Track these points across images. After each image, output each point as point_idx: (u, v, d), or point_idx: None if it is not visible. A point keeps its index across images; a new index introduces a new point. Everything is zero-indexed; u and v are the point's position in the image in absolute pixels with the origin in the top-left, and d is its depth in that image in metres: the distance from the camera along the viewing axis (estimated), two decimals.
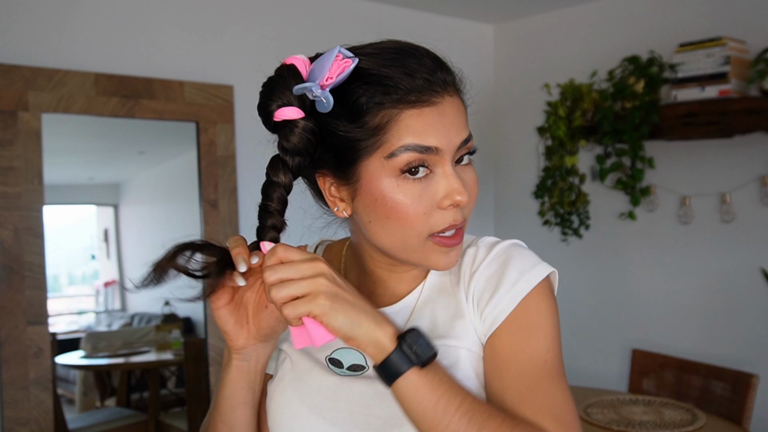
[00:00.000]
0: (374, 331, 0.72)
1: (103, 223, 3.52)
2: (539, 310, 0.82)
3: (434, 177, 0.79)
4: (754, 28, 2.59)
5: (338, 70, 0.76)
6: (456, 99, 0.81)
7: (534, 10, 3.29)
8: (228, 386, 0.86)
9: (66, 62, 2.33)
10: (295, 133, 0.77)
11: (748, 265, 2.66)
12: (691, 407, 2.16)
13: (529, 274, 0.82)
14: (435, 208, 0.79)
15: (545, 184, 3.14)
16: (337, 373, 0.88)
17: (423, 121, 0.77)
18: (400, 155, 0.77)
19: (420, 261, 0.82)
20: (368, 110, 0.77)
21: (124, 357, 3.34)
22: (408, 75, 0.77)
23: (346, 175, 0.81)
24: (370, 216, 0.81)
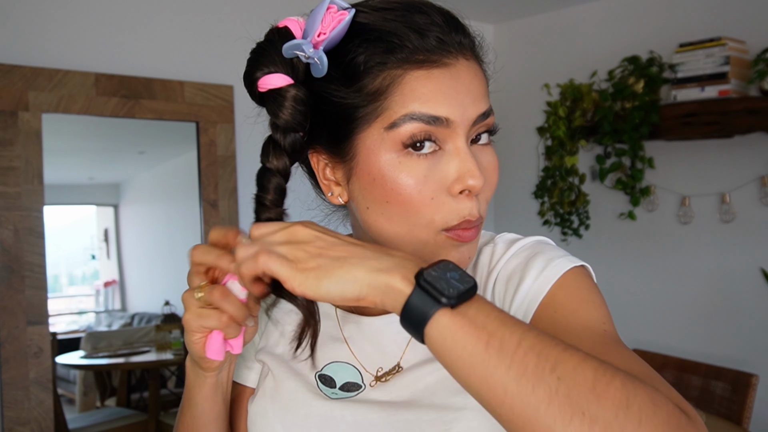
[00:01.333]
0: (380, 278, 0.55)
1: (103, 223, 3.52)
2: (581, 285, 0.67)
3: (443, 155, 0.65)
4: (754, 28, 2.59)
5: (332, 24, 0.64)
6: (474, 65, 0.69)
7: (534, 10, 3.29)
8: (200, 405, 0.75)
9: (66, 62, 2.33)
10: (284, 105, 0.66)
11: (748, 265, 2.66)
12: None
13: (560, 260, 0.69)
14: (444, 194, 0.66)
15: (545, 184, 3.14)
16: (328, 396, 0.74)
17: (432, 85, 0.64)
18: (403, 126, 0.64)
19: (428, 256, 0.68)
20: (367, 71, 0.65)
21: (124, 357, 3.34)
22: (416, 32, 0.64)
23: (341, 152, 0.68)
24: (367, 200, 0.67)
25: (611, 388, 0.48)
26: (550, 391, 0.48)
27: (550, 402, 0.48)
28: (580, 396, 0.48)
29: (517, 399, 0.49)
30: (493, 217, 3.54)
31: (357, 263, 0.56)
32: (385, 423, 0.69)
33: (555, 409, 0.48)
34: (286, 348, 0.80)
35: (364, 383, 0.74)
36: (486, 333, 0.52)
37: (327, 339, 0.78)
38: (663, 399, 0.50)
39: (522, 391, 0.49)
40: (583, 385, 0.48)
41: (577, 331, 0.62)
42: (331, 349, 0.77)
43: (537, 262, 0.69)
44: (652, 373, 0.57)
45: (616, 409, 0.47)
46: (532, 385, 0.49)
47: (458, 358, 0.52)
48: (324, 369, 0.76)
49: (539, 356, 0.50)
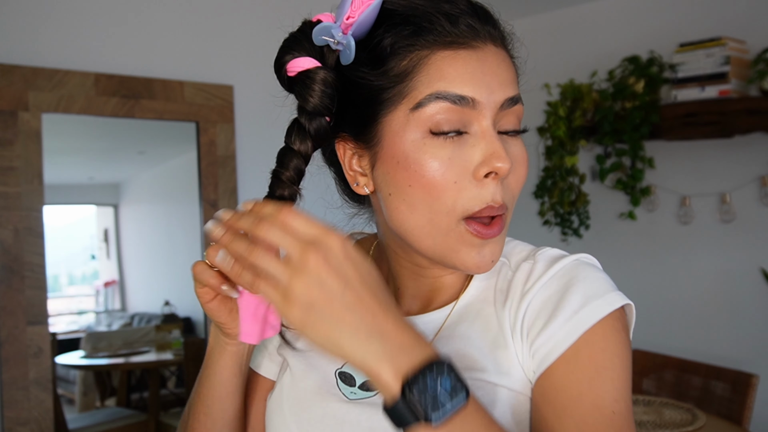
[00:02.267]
0: (368, 362, 0.53)
1: (103, 223, 3.52)
2: (608, 347, 0.64)
3: (469, 138, 0.64)
4: (754, 28, 2.59)
5: (360, 8, 0.64)
6: (502, 52, 0.69)
7: (534, 10, 3.29)
8: (219, 375, 0.72)
9: (66, 62, 2.33)
10: (313, 88, 0.65)
11: (748, 265, 2.66)
12: (691, 407, 2.16)
13: (597, 302, 0.65)
14: (468, 178, 0.64)
15: (545, 184, 3.14)
16: (346, 397, 0.72)
17: (458, 65, 0.63)
18: (429, 105, 0.63)
19: (447, 254, 0.66)
20: (394, 53, 0.64)
21: (124, 357, 3.34)
22: (445, 17, 0.64)
23: (366, 137, 0.67)
24: (390, 187, 0.66)
25: None
26: None
27: None
28: None
29: None
30: None
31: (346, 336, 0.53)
32: None
33: None
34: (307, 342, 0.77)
35: None
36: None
37: None
38: None
39: None
40: None
41: (585, 410, 0.61)
42: None
43: (573, 299, 0.65)
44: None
45: None
46: None
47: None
48: (345, 366, 0.74)
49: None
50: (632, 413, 0.63)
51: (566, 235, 3.15)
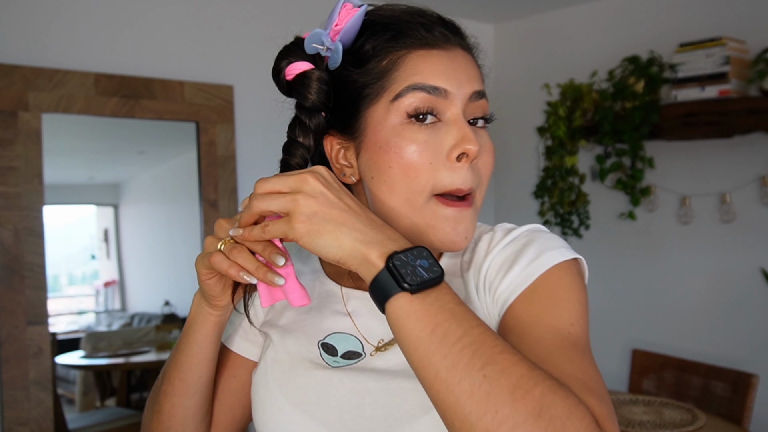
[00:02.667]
0: (359, 250, 0.61)
1: (103, 223, 3.52)
2: (562, 283, 0.71)
3: (443, 125, 0.73)
4: (754, 28, 2.59)
5: (346, 18, 0.73)
6: (469, 56, 0.77)
7: (534, 10, 3.29)
8: (200, 342, 0.79)
9: (66, 62, 2.33)
10: (310, 86, 0.74)
11: (748, 265, 2.66)
12: (691, 407, 2.16)
13: (551, 252, 0.73)
14: (443, 160, 0.72)
15: (545, 184, 3.14)
16: (329, 365, 0.79)
17: (432, 62, 0.73)
18: (406, 95, 0.72)
19: (425, 231, 0.73)
20: (375, 54, 0.74)
21: (124, 357, 3.34)
22: (420, 25, 0.74)
23: (351, 130, 0.76)
24: (372, 170, 0.74)
25: (529, 396, 0.54)
26: (474, 386, 0.55)
27: (471, 395, 0.54)
28: (498, 397, 0.54)
29: (444, 385, 0.56)
30: (494, 217, 3.54)
31: (345, 232, 0.62)
32: (381, 390, 0.74)
33: (473, 403, 0.54)
34: (291, 317, 0.85)
35: (365, 352, 0.79)
36: (434, 322, 0.58)
37: (330, 313, 0.83)
38: (581, 413, 0.54)
39: (450, 380, 0.56)
40: (504, 387, 0.54)
41: (542, 330, 0.68)
42: (334, 322, 0.82)
43: (529, 251, 0.73)
44: (594, 385, 0.62)
45: (527, 414, 0.53)
46: (460, 377, 0.55)
47: (406, 336, 0.59)
48: (327, 338, 0.81)
49: (474, 353, 0.56)
50: (588, 339, 0.69)
51: (566, 235, 3.15)
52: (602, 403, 0.59)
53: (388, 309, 0.61)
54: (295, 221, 0.63)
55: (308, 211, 0.63)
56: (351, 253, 0.62)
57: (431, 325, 0.58)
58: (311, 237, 0.62)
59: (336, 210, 0.63)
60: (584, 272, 0.76)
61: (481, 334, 0.58)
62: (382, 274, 0.60)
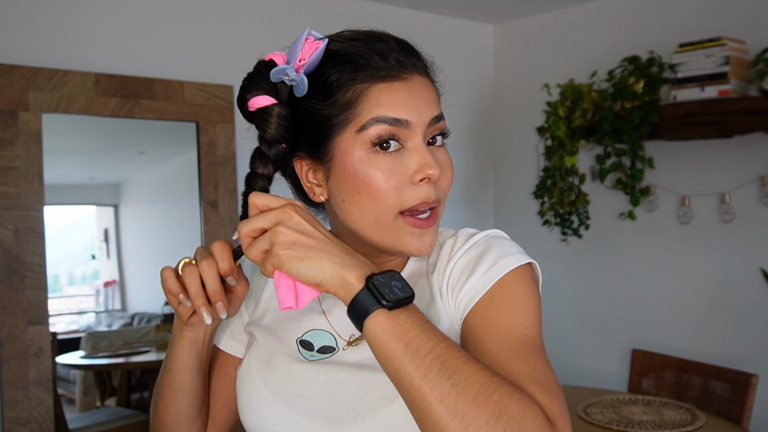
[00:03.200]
0: (339, 273, 0.69)
1: (103, 223, 3.53)
2: (518, 288, 0.79)
3: (405, 152, 0.79)
4: (754, 28, 2.59)
5: (309, 51, 0.78)
6: (426, 80, 0.83)
7: (534, 10, 3.29)
8: (177, 353, 0.88)
9: (66, 62, 2.33)
10: (270, 121, 0.79)
11: (748, 265, 2.66)
12: (691, 407, 2.16)
13: (507, 259, 0.80)
14: (407, 183, 0.79)
15: (545, 184, 3.14)
16: (306, 359, 0.87)
17: (393, 94, 0.78)
18: (371, 127, 0.77)
19: (393, 243, 0.81)
20: (340, 87, 0.79)
21: (124, 357, 3.34)
22: (378, 55, 0.79)
23: (320, 155, 0.81)
24: (343, 194, 0.81)
25: (489, 400, 0.63)
26: (443, 393, 0.63)
27: (441, 401, 0.63)
28: (464, 402, 0.62)
29: (418, 393, 0.64)
30: (494, 217, 3.54)
31: (324, 257, 0.69)
32: (353, 381, 0.82)
33: (443, 408, 0.63)
34: (273, 318, 0.94)
35: (338, 347, 0.87)
36: (408, 336, 0.66)
37: (307, 311, 0.91)
38: (534, 412, 0.64)
39: (423, 387, 0.64)
40: (469, 393, 0.63)
41: (501, 333, 0.75)
42: (311, 320, 0.90)
43: (487, 258, 0.81)
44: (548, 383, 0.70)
45: (489, 416, 0.62)
46: (432, 385, 0.64)
47: (383, 349, 0.67)
48: (304, 335, 0.90)
49: (443, 364, 0.64)
50: (542, 340, 0.77)
51: (566, 235, 3.15)
52: (554, 399, 0.68)
53: (367, 325, 0.68)
54: (276, 248, 0.69)
55: (288, 239, 0.70)
56: (330, 276, 0.69)
57: (405, 339, 0.66)
58: (292, 262, 0.69)
59: (313, 239, 0.71)
60: (538, 276, 0.84)
61: (447, 347, 0.66)
62: (362, 293, 0.68)
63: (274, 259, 0.70)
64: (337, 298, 0.70)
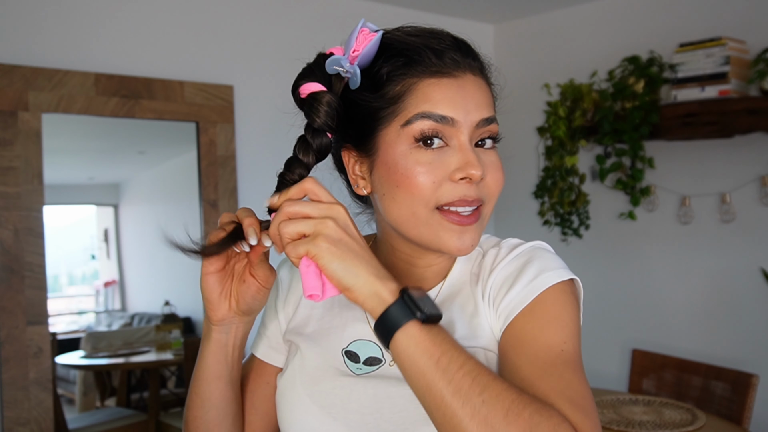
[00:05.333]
0: (374, 283, 0.68)
1: (103, 223, 3.53)
2: (557, 303, 0.78)
3: (449, 150, 0.77)
4: (754, 28, 2.59)
5: (364, 43, 0.77)
6: (480, 80, 0.81)
7: (534, 10, 3.29)
8: (205, 359, 0.85)
9: (66, 62, 2.33)
10: (318, 109, 0.77)
11: (748, 265, 2.66)
12: (691, 407, 2.16)
13: (549, 273, 0.79)
14: (446, 180, 0.77)
15: (545, 184, 3.14)
16: (352, 372, 0.85)
17: (441, 90, 0.77)
18: (415, 122, 0.76)
19: (431, 240, 0.79)
20: (390, 80, 0.78)
21: (124, 357, 3.34)
22: (432, 51, 0.78)
23: (366, 147, 0.81)
24: (384, 188, 0.80)
25: (520, 418, 0.62)
26: (474, 409, 0.63)
27: (472, 418, 0.63)
28: (495, 418, 0.62)
29: (449, 409, 0.64)
30: (494, 217, 3.55)
31: (363, 264, 0.69)
32: (400, 395, 0.80)
33: (474, 425, 0.62)
34: (316, 327, 0.91)
35: (384, 359, 0.85)
36: (440, 351, 0.66)
37: (351, 320, 0.89)
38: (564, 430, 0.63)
39: (454, 403, 0.64)
40: (500, 410, 0.63)
41: (538, 348, 0.75)
42: (355, 329, 0.88)
43: (529, 271, 0.80)
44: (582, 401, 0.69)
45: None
46: (463, 401, 0.63)
47: (414, 364, 0.66)
48: (350, 346, 0.87)
49: (474, 380, 0.64)
50: (580, 356, 0.76)
51: (566, 235, 3.15)
52: (586, 419, 0.67)
53: (398, 338, 0.67)
54: (321, 240, 0.68)
55: (335, 236, 0.69)
56: (365, 283, 0.68)
57: (437, 354, 0.66)
58: (332, 258, 0.68)
59: (357, 244, 0.70)
60: (579, 292, 0.83)
61: (476, 364, 0.66)
62: (396, 304, 0.67)
63: (313, 248, 0.68)
64: (363, 309, 0.69)
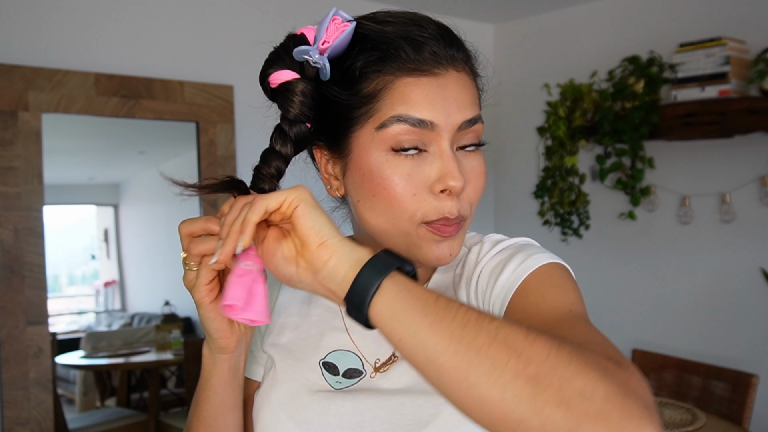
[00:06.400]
0: (349, 244, 0.62)
1: (103, 223, 3.53)
2: (554, 275, 0.71)
3: (427, 156, 0.71)
4: (754, 28, 2.59)
5: (335, 33, 0.70)
6: (464, 76, 0.73)
7: (534, 10, 3.29)
8: (219, 393, 0.77)
9: (66, 62, 2.33)
10: (292, 99, 0.71)
11: (748, 265, 2.66)
12: (691, 407, 2.16)
13: (539, 255, 0.73)
14: (426, 192, 0.70)
15: (545, 184, 3.14)
16: (331, 386, 0.79)
17: (419, 91, 0.69)
18: (391, 126, 0.69)
19: (410, 250, 0.73)
20: (363, 76, 0.70)
21: (124, 357, 3.34)
22: (410, 44, 0.70)
23: (338, 148, 0.74)
24: (358, 194, 0.73)
25: (540, 338, 0.54)
26: (490, 336, 0.54)
27: (490, 345, 0.54)
28: (516, 341, 0.54)
29: (461, 344, 0.54)
30: (494, 217, 3.54)
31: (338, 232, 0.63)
32: (381, 407, 0.75)
33: (494, 351, 0.53)
34: (291, 337, 0.84)
35: (365, 370, 0.79)
36: (436, 294, 0.58)
37: (329, 329, 0.83)
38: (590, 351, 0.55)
39: (466, 336, 0.54)
40: (518, 333, 0.54)
41: (545, 311, 0.67)
42: (334, 338, 0.82)
43: (517, 257, 0.74)
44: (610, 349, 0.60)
45: (548, 351, 0.53)
46: (475, 332, 0.54)
47: (410, 306, 0.57)
48: (327, 357, 0.81)
49: (479, 315, 0.56)
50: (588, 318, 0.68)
51: (566, 235, 3.15)
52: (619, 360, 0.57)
53: (385, 286, 0.59)
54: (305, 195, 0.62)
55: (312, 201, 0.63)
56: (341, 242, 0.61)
57: (434, 295, 0.58)
58: (312, 209, 0.62)
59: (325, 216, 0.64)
60: None
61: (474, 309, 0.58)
62: (377, 258, 0.60)
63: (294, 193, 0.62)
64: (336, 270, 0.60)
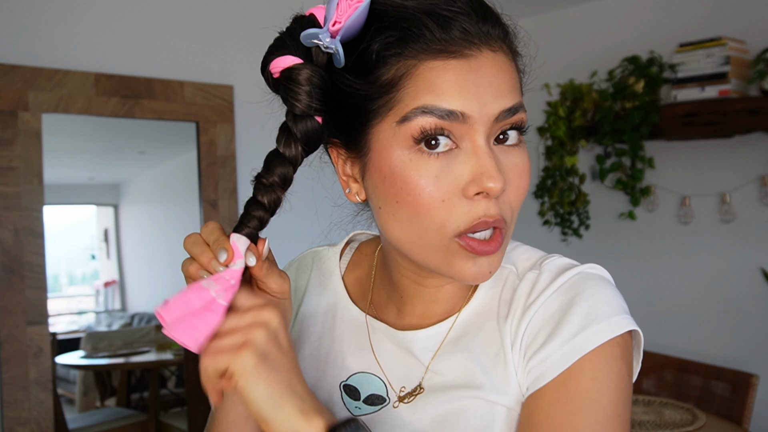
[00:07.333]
0: (296, 419, 0.54)
1: (103, 223, 3.53)
2: (599, 377, 0.61)
3: (459, 153, 0.60)
4: (754, 28, 2.59)
5: (347, 12, 0.58)
6: (501, 56, 0.62)
7: (534, 10, 3.29)
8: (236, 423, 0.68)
9: (66, 62, 2.33)
10: (296, 89, 0.59)
11: (748, 265, 2.66)
12: (691, 407, 2.16)
13: (598, 326, 0.62)
14: (457, 196, 0.60)
15: (545, 184, 3.14)
16: (349, 410, 0.72)
17: (448, 76, 0.58)
18: (415, 120, 0.58)
19: (441, 267, 0.63)
20: (381, 61, 0.59)
21: (124, 357, 3.34)
22: (436, 20, 0.58)
23: (356, 146, 0.64)
24: (379, 200, 0.63)
25: None
26: None
27: None
28: None
29: None
30: None
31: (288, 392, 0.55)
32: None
33: None
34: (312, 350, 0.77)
35: (389, 398, 0.70)
36: None
37: (354, 347, 0.74)
38: None
39: None
40: None
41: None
42: (358, 358, 0.74)
43: (574, 319, 0.62)
44: None
45: None
46: None
47: None
48: (349, 379, 0.73)
49: None
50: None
51: (566, 235, 3.15)
52: None
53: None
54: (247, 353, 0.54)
55: (264, 348, 0.55)
56: (286, 419, 0.54)
57: None
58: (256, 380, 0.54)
59: (286, 359, 0.57)
60: (640, 343, 0.68)
61: None
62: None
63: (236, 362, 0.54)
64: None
